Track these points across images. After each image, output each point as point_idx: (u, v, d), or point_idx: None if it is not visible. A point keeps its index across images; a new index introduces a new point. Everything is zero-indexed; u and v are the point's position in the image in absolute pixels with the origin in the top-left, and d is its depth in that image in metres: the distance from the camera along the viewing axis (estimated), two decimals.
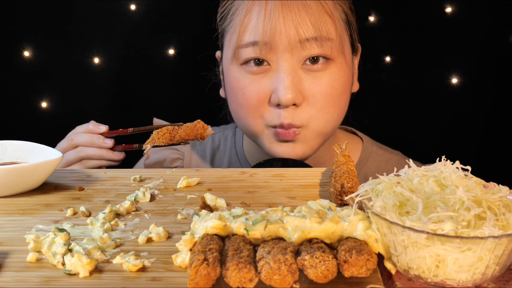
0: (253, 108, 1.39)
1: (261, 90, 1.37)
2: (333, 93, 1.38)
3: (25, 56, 1.85)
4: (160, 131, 1.26)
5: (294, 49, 1.34)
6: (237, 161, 1.57)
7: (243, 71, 1.39)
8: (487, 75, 1.85)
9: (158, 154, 1.59)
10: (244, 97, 1.39)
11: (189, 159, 1.59)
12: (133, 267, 0.85)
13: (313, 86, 1.36)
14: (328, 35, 1.35)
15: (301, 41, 1.33)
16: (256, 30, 1.35)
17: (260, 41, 1.34)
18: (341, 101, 1.41)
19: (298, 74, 1.35)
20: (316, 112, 1.37)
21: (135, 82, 1.92)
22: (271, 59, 1.36)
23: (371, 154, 1.55)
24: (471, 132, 1.89)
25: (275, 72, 1.36)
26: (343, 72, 1.39)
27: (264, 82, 1.37)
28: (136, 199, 1.08)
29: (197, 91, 1.90)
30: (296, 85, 1.35)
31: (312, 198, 1.08)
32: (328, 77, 1.37)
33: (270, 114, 1.38)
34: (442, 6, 1.82)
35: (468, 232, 0.78)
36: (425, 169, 0.89)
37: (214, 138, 1.62)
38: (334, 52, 1.36)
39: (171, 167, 1.57)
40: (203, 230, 0.87)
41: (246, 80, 1.38)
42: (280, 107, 1.36)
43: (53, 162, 1.12)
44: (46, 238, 0.91)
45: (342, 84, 1.39)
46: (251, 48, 1.36)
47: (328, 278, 0.80)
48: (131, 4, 1.84)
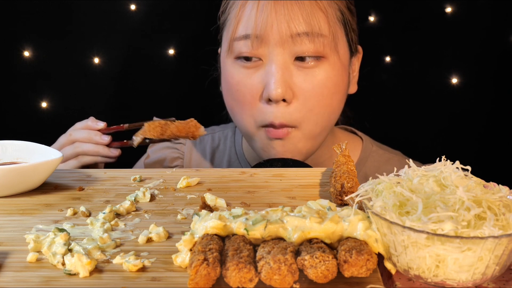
0: (246, 104, 1.39)
1: (254, 85, 1.37)
2: (324, 92, 1.37)
3: (25, 56, 1.85)
4: (152, 124, 1.26)
5: (285, 44, 1.34)
6: (236, 160, 1.57)
7: (236, 66, 1.39)
8: (487, 75, 1.85)
9: (158, 153, 1.59)
10: (238, 93, 1.40)
11: (189, 158, 1.59)
12: (133, 267, 0.85)
13: (304, 83, 1.36)
14: (320, 31, 1.34)
15: (293, 35, 1.33)
16: (248, 23, 1.35)
17: (252, 34, 1.35)
18: (333, 101, 1.39)
19: (289, 69, 1.35)
20: (307, 113, 1.37)
21: (135, 82, 1.92)
22: (263, 53, 1.36)
23: (371, 154, 1.55)
24: (471, 132, 1.89)
25: (266, 66, 1.36)
26: (336, 71, 1.38)
27: (256, 76, 1.37)
28: (136, 199, 1.08)
29: (197, 91, 1.91)
30: (286, 80, 1.34)
31: (312, 198, 1.08)
32: (320, 74, 1.36)
33: (261, 113, 1.37)
34: (442, 6, 1.82)
35: (468, 232, 0.78)
36: (425, 169, 0.89)
37: (214, 137, 1.62)
38: (326, 49, 1.36)
39: (171, 166, 1.57)
40: (203, 230, 0.87)
41: (240, 74, 1.39)
42: (271, 104, 1.35)
43: (53, 162, 1.12)
44: (46, 238, 0.91)
45: (335, 84, 1.38)
46: (244, 42, 1.36)
47: (328, 278, 0.80)
48: (131, 4, 1.84)
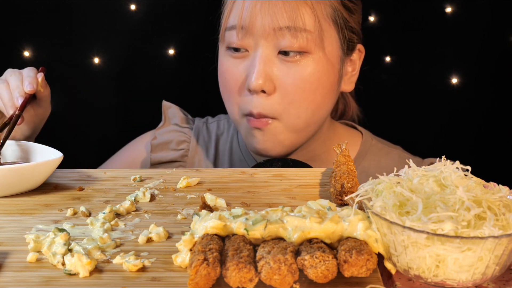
0: (232, 92, 1.42)
1: (238, 74, 1.40)
2: (305, 87, 1.38)
3: (25, 56, 1.85)
4: None
5: (268, 37, 1.36)
6: (237, 147, 1.59)
7: (227, 55, 1.43)
8: (487, 75, 1.85)
9: (166, 135, 1.60)
10: (225, 81, 1.43)
11: (195, 143, 1.60)
12: (133, 267, 0.85)
13: (286, 77, 1.37)
14: (304, 26, 1.35)
15: (275, 29, 1.35)
16: (237, 14, 1.38)
17: (238, 25, 1.37)
18: (316, 96, 1.40)
19: (272, 62, 1.37)
20: (287, 106, 1.38)
21: (135, 82, 1.92)
22: (249, 44, 1.38)
23: (371, 148, 1.55)
24: (471, 132, 1.89)
25: (251, 57, 1.39)
26: (321, 67, 1.39)
27: (242, 66, 1.40)
28: (136, 199, 1.08)
29: (197, 91, 1.91)
30: (267, 73, 1.36)
31: (312, 198, 1.08)
32: (303, 69, 1.37)
33: (244, 102, 1.40)
34: (442, 6, 1.82)
35: (468, 232, 0.78)
36: (425, 169, 0.89)
37: (219, 124, 1.65)
38: (310, 45, 1.36)
39: (177, 149, 1.58)
40: (203, 230, 0.87)
41: (228, 63, 1.42)
42: (252, 94, 1.38)
43: (53, 162, 1.12)
44: (46, 238, 0.91)
45: (317, 79, 1.39)
46: (233, 32, 1.39)
47: (328, 278, 0.80)
48: (131, 4, 1.84)
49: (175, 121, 1.62)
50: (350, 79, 1.49)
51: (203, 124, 1.64)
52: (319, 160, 1.50)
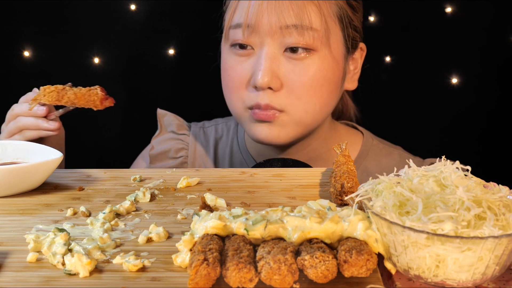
0: (235, 89, 1.43)
1: (243, 72, 1.41)
2: (312, 84, 1.39)
3: (25, 56, 1.85)
4: (48, 88, 1.19)
5: (275, 35, 1.37)
6: (238, 150, 1.59)
7: (231, 53, 1.43)
8: (488, 75, 1.85)
9: (163, 144, 1.60)
10: (229, 78, 1.44)
11: (193, 149, 1.61)
12: (133, 267, 0.85)
13: (292, 74, 1.38)
14: (310, 24, 1.36)
15: (282, 27, 1.36)
16: (242, 12, 1.39)
17: (243, 23, 1.38)
18: (323, 93, 1.41)
19: (278, 60, 1.38)
20: (295, 101, 1.39)
21: (135, 82, 1.92)
22: (255, 42, 1.39)
23: (372, 148, 1.55)
24: (471, 132, 1.89)
25: (257, 55, 1.39)
26: (327, 64, 1.40)
27: (247, 64, 1.41)
28: (136, 199, 1.08)
29: (197, 91, 1.90)
30: (274, 70, 1.37)
31: (312, 198, 1.08)
32: (309, 67, 1.38)
33: (248, 96, 1.41)
34: (442, 6, 1.82)
35: (468, 232, 0.78)
36: (425, 169, 0.89)
37: (217, 129, 1.65)
38: (316, 42, 1.38)
39: (176, 157, 1.58)
40: (203, 230, 0.87)
41: (232, 60, 1.43)
42: (258, 90, 1.38)
43: (53, 162, 1.12)
44: (46, 238, 0.91)
45: (324, 76, 1.40)
46: (238, 30, 1.39)
47: (328, 278, 0.80)
48: (131, 4, 1.84)
49: (171, 128, 1.62)
50: (353, 77, 1.50)
51: (200, 129, 1.64)
52: (320, 160, 1.50)
